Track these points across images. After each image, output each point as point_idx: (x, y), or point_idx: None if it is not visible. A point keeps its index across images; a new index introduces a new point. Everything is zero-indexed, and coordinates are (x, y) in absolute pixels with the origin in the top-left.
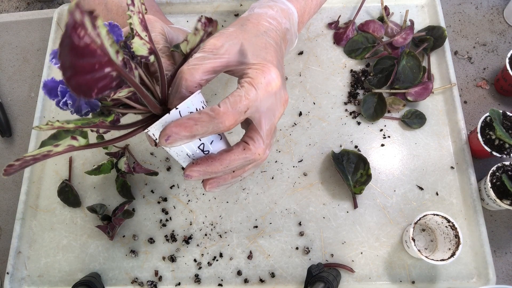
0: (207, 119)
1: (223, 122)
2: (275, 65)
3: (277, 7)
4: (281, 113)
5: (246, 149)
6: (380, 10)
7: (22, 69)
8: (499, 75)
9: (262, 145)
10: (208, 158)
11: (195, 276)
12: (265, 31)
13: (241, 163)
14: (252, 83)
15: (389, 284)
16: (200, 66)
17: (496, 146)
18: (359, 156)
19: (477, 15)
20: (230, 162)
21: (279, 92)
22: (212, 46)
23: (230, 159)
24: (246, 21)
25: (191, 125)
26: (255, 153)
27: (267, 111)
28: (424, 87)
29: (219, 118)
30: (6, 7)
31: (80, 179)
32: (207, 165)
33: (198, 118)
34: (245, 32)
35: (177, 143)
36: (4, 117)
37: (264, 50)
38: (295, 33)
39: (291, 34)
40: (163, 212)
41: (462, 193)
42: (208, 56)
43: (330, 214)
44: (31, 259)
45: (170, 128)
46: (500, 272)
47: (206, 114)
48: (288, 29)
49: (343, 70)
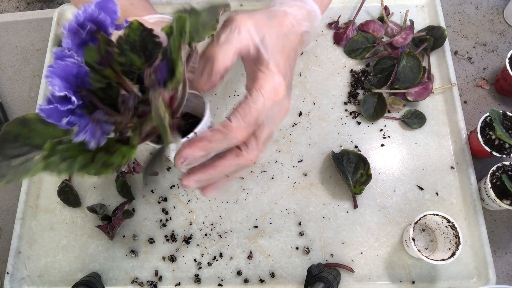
0: (221, 136)
1: (236, 137)
2: (283, 73)
3: (305, 9)
4: (281, 120)
5: (239, 156)
6: (380, 10)
7: (22, 69)
8: (499, 75)
9: (256, 152)
10: (202, 166)
11: (195, 276)
12: (286, 33)
13: (234, 168)
14: (261, 91)
15: (389, 284)
16: (230, 45)
17: (496, 146)
18: (359, 156)
19: (477, 15)
20: (224, 168)
21: (282, 101)
22: (237, 24)
23: (224, 166)
24: (273, 16)
25: (206, 145)
26: (248, 159)
27: (267, 119)
28: (424, 87)
29: (232, 133)
30: (6, 7)
31: (80, 179)
32: (201, 172)
33: (212, 137)
34: (269, 27)
35: (193, 164)
36: (4, 117)
37: (280, 54)
38: (314, 35)
39: (308, 36)
40: (163, 212)
41: (462, 193)
42: (232, 36)
43: (330, 214)
44: (31, 259)
45: (186, 150)
46: (500, 272)
47: (219, 132)
48: (307, 31)
49: (343, 70)
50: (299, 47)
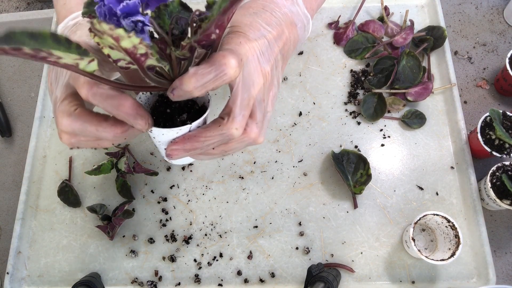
0: (217, 132)
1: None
2: (250, 39)
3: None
4: (260, 84)
5: (221, 125)
6: (380, 10)
7: (22, 69)
8: (499, 75)
9: (239, 119)
10: (185, 136)
11: (195, 276)
12: (255, 12)
13: (219, 139)
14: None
15: (389, 284)
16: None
17: (496, 146)
18: (359, 156)
19: (477, 15)
20: (206, 138)
21: (252, 65)
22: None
23: (206, 136)
24: (243, 5)
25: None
26: (231, 128)
27: (241, 84)
28: (424, 87)
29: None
30: (6, 7)
31: (80, 179)
32: (184, 142)
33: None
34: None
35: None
36: (4, 117)
37: (247, 27)
38: (305, 14)
39: (299, 16)
40: (163, 212)
41: (462, 193)
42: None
43: (330, 214)
44: (31, 259)
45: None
46: (500, 272)
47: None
48: (293, 11)
49: (343, 70)
50: (287, 28)
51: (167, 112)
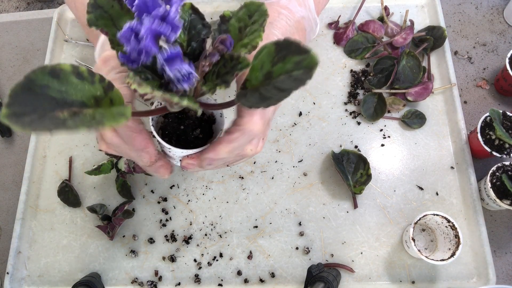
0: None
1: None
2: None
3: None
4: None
5: (240, 150)
6: (380, 10)
7: (22, 69)
8: (499, 75)
9: (255, 141)
10: (199, 155)
11: (195, 276)
12: (270, 22)
13: (233, 160)
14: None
15: (389, 284)
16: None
17: (496, 146)
18: (359, 156)
19: (477, 15)
20: (221, 160)
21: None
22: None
23: (221, 157)
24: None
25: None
26: (247, 149)
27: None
28: (424, 87)
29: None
30: (6, 7)
31: (80, 179)
32: (200, 160)
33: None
34: None
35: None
36: None
37: (264, 41)
38: (314, 19)
39: (309, 21)
40: (163, 212)
41: (462, 193)
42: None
43: (330, 214)
44: (31, 259)
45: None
46: (500, 272)
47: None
48: (304, 17)
49: (343, 70)
50: (298, 33)
51: (180, 128)
